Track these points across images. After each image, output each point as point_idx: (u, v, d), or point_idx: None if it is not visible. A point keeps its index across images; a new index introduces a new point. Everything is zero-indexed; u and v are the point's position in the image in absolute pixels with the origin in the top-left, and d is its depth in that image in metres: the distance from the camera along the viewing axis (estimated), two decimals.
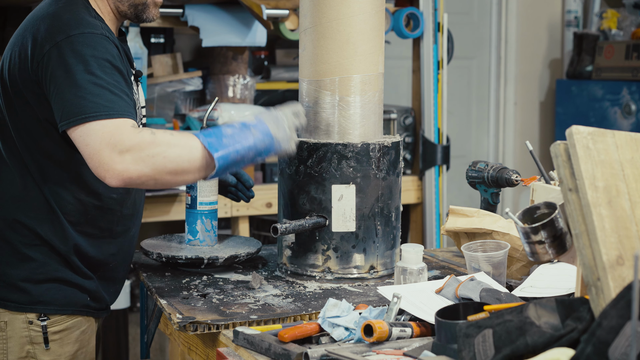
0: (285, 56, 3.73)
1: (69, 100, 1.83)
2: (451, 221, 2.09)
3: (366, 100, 2.09)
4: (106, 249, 2.06)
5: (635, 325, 1.13)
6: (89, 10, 1.96)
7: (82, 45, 1.85)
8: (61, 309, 2.01)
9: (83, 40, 1.86)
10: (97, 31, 1.89)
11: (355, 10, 2.05)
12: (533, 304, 1.35)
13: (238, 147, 1.85)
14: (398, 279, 1.88)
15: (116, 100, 1.82)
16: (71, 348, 2.04)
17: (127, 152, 1.77)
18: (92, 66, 1.84)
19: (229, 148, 1.83)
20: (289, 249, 2.10)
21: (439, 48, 3.60)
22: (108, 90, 1.83)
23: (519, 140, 4.83)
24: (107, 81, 1.84)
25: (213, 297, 1.93)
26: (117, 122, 1.80)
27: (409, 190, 3.63)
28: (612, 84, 4.38)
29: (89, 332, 2.08)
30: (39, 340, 1.99)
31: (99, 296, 2.08)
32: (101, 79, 1.83)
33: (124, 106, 1.83)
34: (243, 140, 1.86)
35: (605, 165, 1.36)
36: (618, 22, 4.64)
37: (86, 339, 2.08)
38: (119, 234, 2.08)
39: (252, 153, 1.87)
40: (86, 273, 2.04)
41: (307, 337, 1.61)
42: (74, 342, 2.04)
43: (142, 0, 2.03)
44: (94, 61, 1.85)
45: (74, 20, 1.90)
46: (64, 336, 2.03)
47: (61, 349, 2.02)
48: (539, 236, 1.80)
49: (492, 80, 4.88)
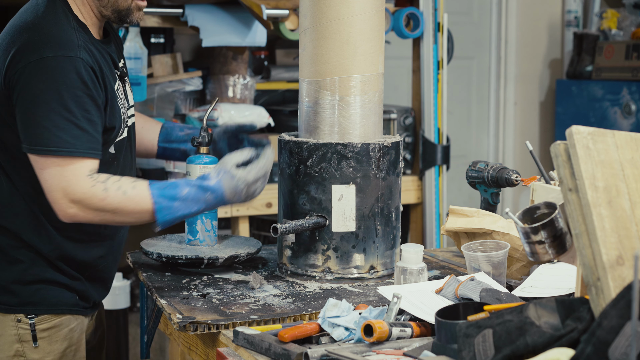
0: (285, 56, 3.73)
1: (32, 126, 1.86)
2: (451, 221, 2.09)
3: (366, 100, 2.09)
4: (95, 252, 2.07)
5: (635, 325, 1.13)
6: (68, 19, 1.96)
7: (53, 71, 1.85)
8: (50, 309, 2.03)
9: (55, 64, 1.86)
10: (72, 53, 1.88)
11: (355, 10, 2.05)
12: (533, 304, 1.35)
13: (186, 212, 1.92)
14: (398, 279, 1.88)
15: (81, 136, 1.85)
16: (60, 345, 2.05)
17: (78, 203, 1.86)
18: (63, 95, 1.85)
19: (177, 213, 1.91)
20: (289, 249, 2.10)
21: (439, 48, 3.60)
22: (74, 125, 1.85)
23: (519, 140, 4.83)
24: (74, 114, 1.85)
25: (213, 297, 1.93)
26: (75, 167, 1.85)
27: (409, 190, 3.63)
28: (612, 84, 4.38)
29: (78, 330, 2.09)
30: (27, 338, 2.01)
31: (88, 295, 2.10)
32: (68, 112, 1.85)
33: (87, 143, 1.86)
34: (193, 206, 1.92)
35: (605, 165, 1.36)
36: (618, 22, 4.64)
37: (75, 337, 2.09)
38: (106, 237, 2.09)
39: (198, 214, 1.97)
40: (74, 275, 2.05)
41: (307, 337, 1.61)
42: (62, 340, 2.06)
43: (126, 6, 2.03)
44: (64, 90, 1.85)
45: (50, 38, 1.89)
46: (53, 334, 2.04)
47: (50, 346, 2.04)
48: (539, 236, 1.80)
49: (492, 80, 4.88)
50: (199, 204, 1.93)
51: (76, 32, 1.94)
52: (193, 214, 1.94)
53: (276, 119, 3.49)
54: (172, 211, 1.91)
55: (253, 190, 1.99)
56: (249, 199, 2.01)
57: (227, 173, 1.96)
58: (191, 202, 1.92)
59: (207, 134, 2.20)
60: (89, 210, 1.87)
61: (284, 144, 2.12)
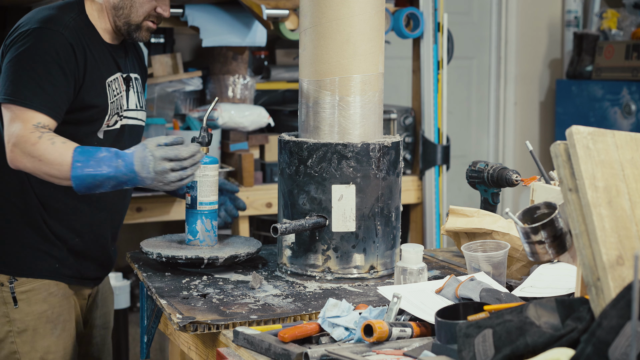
0: (285, 56, 3.73)
1: (4, 80, 2.13)
2: (451, 221, 2.09)
3: (366, 100, 2.09)
4: (73, 225, 2.27)
5: (635, 325, 1.13)
6: (73, 12, 2.21)
7: (34, 39, 2.12)
8: (28, 273, 2.24)
9: (38, 34, 2.13)
10: (55, 27, 2.14)
11: (355, 10, 2.05)
12: (533, 304, 1.35)
13: (97, 173, 2.05)
14: (398, 279, 1.88)
15: (40, 93, 2.09)
16: (39, 307, 2.24)
17: (16, 146, 2.07)
18: (35, 59, 2.11)
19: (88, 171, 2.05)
20: (289, 249, 2.10)
21: (439, 48, 3.60)
22: (36, 83, 2.10)
23: (519, 140, 4.82)
24: (40, 74, 2.10)
25: (213, 297, 1.93)
26: (27, 117, 2.08)
27: (409, 190, 3.63)
28: (612, 84, 4.38)
29: (59, 295, 2.27)
30: (9, 300, 2.23)
31: (70, 264, 2.28)
32: (35, 72, 2.10)
33: (43, 100, 2.09)
34: (105, 168, 2.05)
35: (605, 165, 1.36)
36: (618, 22, 4.64)
37: (56, 302, 2.27)
38: (85, 213, 2.28)
39: (112, 182, 2.06)
40: (54, 242, 2.25)
41: (307, 337, 1.61)
42: (41, 302, 2.24)
43: (137, 22, 2.25)
44: (37, 55, 2.11)
45: (44, 17, 2.17)
46: (31, 296, 2.24)
47: (29, 307, 2.23)
48: (539, 236, 1.80)
49: (492, 80, 4.88)
50: (110, 168, 2.04)
51: (73, 20, 2.18)
52: (104, 176, 2.04)
53: (276, 119, 3.49)
54: (84, 168, 2.04)
55: (161, 168, 2.03)
56: (160, 181, 2.05)
57: (142, 145, 2.07)
58: (104, 163, 2.04)
59: (207, 134, 2.20)
60: (22, 155, 2.06)
61: (284, 144, 2.12)
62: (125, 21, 2.24)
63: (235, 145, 3.32)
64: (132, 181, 2.06)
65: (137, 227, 3.50)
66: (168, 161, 2.03)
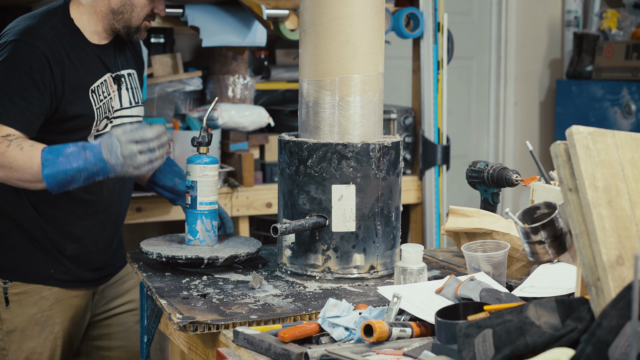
0: (285, 56, 3.73)
1: None
2: (451, 221, 2.09)
3: (366, 100, 2.09)
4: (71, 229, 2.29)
5: (635, 325, 1.13)
6: (56, 19, 2.23)
7: (10, 53, 2.16)
8: (21, 277, 2.30)
9: (13, 47, 2.16)
10: (30, 40, 2.16)
11: (355, 10, 2.05)
12: (533, 304, 1.35)
13: (67, 167, 2.08)
14: (398, 279, 1.88)
15: (11, 108, 2.12)
16: (29, 310, 2.30)
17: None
18: (8, 73, 2.14)
19: (59, 167, 2.08)
20: (289, 249, 2.10)
21: (439, 48, 3.60)
22: (8, 98, 2.12)
23: (519, 140, 4.82)
24: (12, 89, 2.13)
25: (213, 297, 1.93)
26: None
27: (409, 190, 3.63)
28: (612, 84, 4.38)
29: (50, 298, 2.32)
30: (1, 300, 2.29)
31: (65, 269, 2.31)
32: (8, 87, 2.13)
33: (13, 115, 2.12)
34: (74, 161, 2.08)
35: (605, 165, 1.36)
36: (618, 22, 4.64)
37: (46, 305, 2.32)
38: (82, 218, 2.30)
39: (84, 174, 2.09)
40: (49, 249, 2.29)
41: (307, 337, 1.61)
42: (32, 305, 2.31)
43: (136, 25, 2.30)
44: (11, 69, 2.14)
45: (23, 28, 2.19)
46: (23, 299, 2.30)
47: (19, 309, 2.30)
48: (539, 236, 1.80)
49: (492, 80, 4.88)
50: (79, 160, 2.07)
51: (53, 29, 2.20)
52: (74, 170, 2.07)
53: (276, 119, 3.49)
54: (55, 165, 2.07)
55: (129, 152, 2.07)
56: (130, 164, 2.08)
57: (108, 134, 2.12)
58: (72, 158, 2.08)
59: (207, 134, 2.20)
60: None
61: (284, 144, 2.12)
62: (125, 24, 2.28)
63: (235, 145, 3.32)
64: (103, 171, 2.08)
65: (137, 227, 3.50)
66: (135, 144, 2.07)
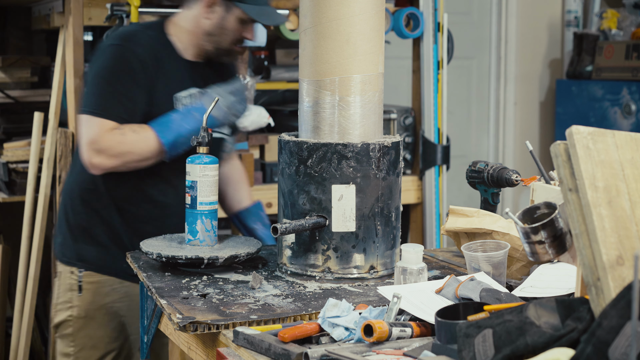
0: (285, 56, 3.73)
1: (85, 92, 2.44)
2: (451, 221, 2.09)
3: (366, 100, 2.09)
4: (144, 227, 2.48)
5: (635, 325, 1.13)
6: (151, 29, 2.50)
7: (109, 54, 2.42)
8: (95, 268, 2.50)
9: (111, 50, 2.42)
10: (125, 44, 2.42)
11: (355, 10, 2.05)
12: (533, 304, 1.35)
13: (182, 130, 2.35)
14: (398, 279, 1.88)
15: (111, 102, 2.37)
16: (101, 300, 2.51)
17: (102, 152, 2.34)
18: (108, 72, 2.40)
19: (175, 133, 2.35)
20: (289, 249, 2.10)
21: (439, 48, 3.60)
22: (109, 93, 2.37)
23: (519, 140, 4.83)
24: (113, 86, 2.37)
25: (213, 297, 1.93)
26: (102, 124, 2.34)
27: (409, 190, 3.63)
28: (612, 84, 4.38)
29: (121, 292, 2.54)
30: (75, 287, 2.51)
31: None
32: (109, 84, 2.38)
33: (114, 108, 2.37)
34: (187, 124, 2.35)
35: (605, 165, 1.36)
36: (618, 22, 4.65)
37: (117, 297, 2.54)
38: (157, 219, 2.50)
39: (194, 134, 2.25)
40: (126, 246, 2.47)
41: (307, 337, 1.61)
42: (104, 296, 2.51)
43: (225, 47, 2.50)
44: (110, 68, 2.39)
45: (120, 33, 2.48)
46: (96, 288, 2.51)
47: (91, 297, 2.51)
48: (539, 236, 1.80)
49: (492, 80, 4.88)
50: (191, 122, 2.35)
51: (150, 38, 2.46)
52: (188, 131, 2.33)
53: (276, 119, 3.49)
54: (170, 131, 2.34)
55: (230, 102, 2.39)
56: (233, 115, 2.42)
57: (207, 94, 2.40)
58: (184, 121, 2.35)
59: (207, 134, 2.20)
60: (109, 158, 2.33)
61: (284, 144, 2.12)
62: (216, 46, 2.49)
63: (235, 145, 3.32)
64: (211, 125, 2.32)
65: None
66: (232, 95, 2.39)
